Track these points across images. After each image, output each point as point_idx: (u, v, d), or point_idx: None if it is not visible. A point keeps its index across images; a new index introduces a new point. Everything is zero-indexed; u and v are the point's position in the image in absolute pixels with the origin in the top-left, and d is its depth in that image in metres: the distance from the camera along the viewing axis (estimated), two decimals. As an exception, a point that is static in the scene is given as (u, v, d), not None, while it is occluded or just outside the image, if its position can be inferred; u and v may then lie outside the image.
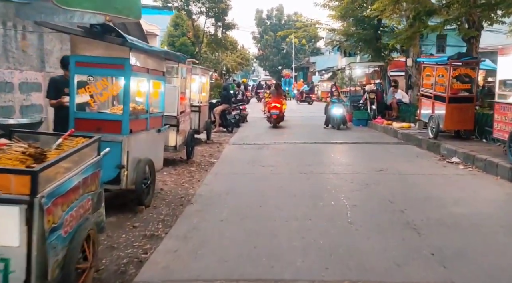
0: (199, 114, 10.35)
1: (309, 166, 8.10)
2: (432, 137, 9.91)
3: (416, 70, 16.14)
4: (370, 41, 19.04)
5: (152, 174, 5.41)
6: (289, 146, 11.00)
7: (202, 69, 10.64)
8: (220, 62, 26.16)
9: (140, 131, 5.17)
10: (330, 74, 37.01)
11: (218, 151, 10.17)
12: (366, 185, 6.56)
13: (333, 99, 14.84)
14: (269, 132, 14.00)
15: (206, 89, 11.24)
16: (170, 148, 7.65)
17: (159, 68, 5.79)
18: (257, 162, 8.54)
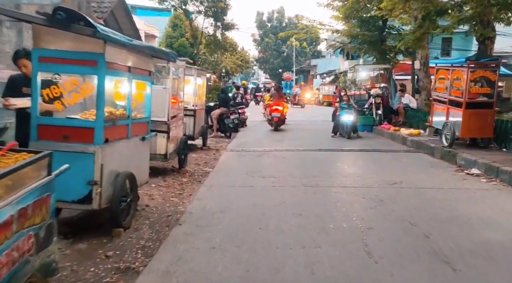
0: (194, 119, 9.57)
1: (314, 178, 7.31)
2: (447, 146, 9.12)
3: (424, 74, 15.40)
4: (375, 43, 18.32)
5: (134, 190, 4.62)
6: (291, 153, 10.21)
7: (198, 70, 9.87)
8: (219, 64, 25.40)
9: (119, 140, 4.38)
10: (332, 77, 36.26)
11: (214, 158, 9.39)
12: (381, 201, 5.76)
13: (342, 104, 13.33)
14: (269, 138, 13.22)
15: (202, 91, 10.46)
16: (159, 157, 6.87)
17: (145, 66, 5.01)
18: (256, 172, 7.75)
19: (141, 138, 5.03)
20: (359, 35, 17.59)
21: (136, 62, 4.71)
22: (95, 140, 3.92)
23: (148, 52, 4.70)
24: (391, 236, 4.43)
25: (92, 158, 3.89)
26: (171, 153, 7.06)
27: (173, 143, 7.15)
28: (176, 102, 7.18)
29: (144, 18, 36.10)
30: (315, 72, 47.82)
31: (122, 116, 4.47)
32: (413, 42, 13.48)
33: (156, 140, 6.73)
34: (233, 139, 13.08)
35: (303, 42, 57.36)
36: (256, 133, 14.54)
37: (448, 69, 9.45)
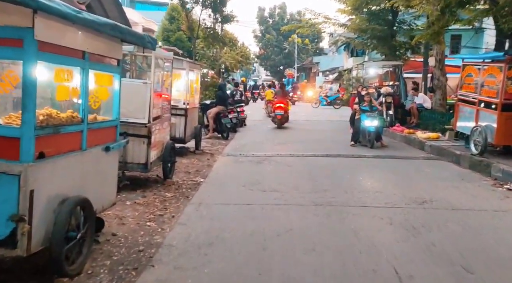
0: (185, 119, 8.33)
1: (326, 192, 6.08)
2: (477, 154, 7.89)
3: (440, 71, 14.14)
4: (385, 38, 17.10)
5: (89, 221, 3.39)
6: (295, 159, 8.97)
7: (190, 63, 8.61)
8: (218, 60, 24.13)
9: (66, 154, 3.15)
10: (335, 75, 34.98)
11: (207, 164, 8.15)
12: (413, 229, 4.53)
13: (363, 106, 10.79)
14: (271, 140, 11.97)
15: (195, 88, 9.21)
16: (137, 167, 5.63)
17: (109, 53, 3.77)
18: (256, 184, 6.53)
19: (105, 148, 3.79)
20: (369, 29, 16.31)
21: (96, 46, 3.47)
22: (21, 156, 2.69)
23: (110, 33, 3.45)
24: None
25: (16, 182, 2.66)
26: (153, 161, 5.82)
27: (156, 149, 5.91)
28: (160, 100, 5.93)
29: (143, 12, 34.89)
30: (317, 69, 46.51)
31: (71, 121, 3.23)
32: (431, 36, 12.24)
33: (134, 146, 5.49)
34: (230, 140, 11.85)
35: (305, 38, 56.10)
36: (256, 134, 13.30)
37: (478, 65, 8.21)
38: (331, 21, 18.26)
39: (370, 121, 10.34)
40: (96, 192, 3.64)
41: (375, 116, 10.50)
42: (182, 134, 8.34)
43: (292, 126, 15.74)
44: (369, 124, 10.38)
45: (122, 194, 5.48)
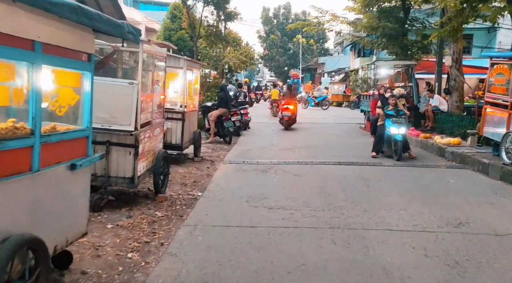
0: (183, 124, 7.50)
1: (341, 210, 5.24)
2: (510, 164, 7.00)
3: (457, 71, 13.27)
4: (396, 37, 16.19)
5: (41, 265, 2.55)
6: (304, 167, 8.13)
7: (188, 61, 7.77)
8: (222, 60, 23.32)
9: (4, 179, 2.32)
10: (341, 76, 34.08)
11: (207, 174, 7.32)
12: (457, 265, 3.67)
13: (388, 111, 9.17)
14: (277, 145, 11.13)
15: (194, 89, 8.39)
16: (122, 181, 4.81)
17: (76, 45, 2.95)
18: (260, 199, 5.70)
19: (70, 166, 2.96)
20: (379, 27, 15.41)
21: (53, 34, 2.65)
22: None
23: (72, 18, 2.62)
24: None
25: None
26: (142, 174, 5.00)
27: (145, 160, 5.09)
28: (150, 104, 5.10)
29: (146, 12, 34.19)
30: (323, 70, 45.62)
31: (13, 133, 2.41)
32: (449, 33, 11.36)
33: (119, 158, 4.67)
34: (233, 145, 11.03)
35: (310, 39, 55.27)
36: (260, 138, 12.47)
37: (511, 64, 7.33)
38: (339, 19, 17.38)
39: (397, 128, 8.75)
40: (57, 223, 2.83)
41: (402, 122, 8.94)
42: (179, 141, 7.52)
43: (298, 129, 14.91)
44: (395, 132, 8.76)
45: (103, 214, 4.66)
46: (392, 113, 9.11)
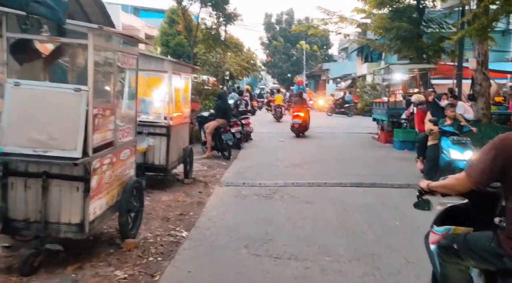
0: (168, 140, 6.10)
1: (374, 261, 3.84)
2: None
3: (483, 76, 11.86)
4: (411, 39, 14.84)
5: None
6: (316, 191, 6.73)
7: (176, 64, 6.37)
8: (222, 66, 22.02)
9: None
10: (348, 82, 32.70)
11: (198, 203, 5.91)
12: None
13: (445, 126, 6.67)
14: (283, 160, 9.72)
15: (185, 97, 7.01)
16: (67, 228, 3.39)
17: None
18: (264, 242, 4.31)
19: None
20: (394, 27, 14.06)
21: None
22: None
23: None
24: None
25: None
26: (98, 216, 3.60)
27: (104, 196, 3.69)
28: (112, 118, 3.71)
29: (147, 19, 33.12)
30: (327, 76, 44.29)
31: None
32: (477, 32, 9.99)
33: (61, 196, 3.29)
34: (232, 161, 9.64)
35: (314, 45, 54.07)
36: (264, 152, 11.07)
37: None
38: (348, 21, 16.05)
39: (460, 151, 6.32)
40: None
41: (466, 143, 6.47)
42: (164, 161, 6.12)
43: (305, 140, 13.55)
44: (458, 157, 6.29)
45: (36, 278, 3.25)
46: (452, 130, 6.60)
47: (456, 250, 2.12)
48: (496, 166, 1.94)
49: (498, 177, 1.98)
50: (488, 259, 1.98)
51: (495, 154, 1.95)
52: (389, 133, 12.98)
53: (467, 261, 2.11)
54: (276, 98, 21.80)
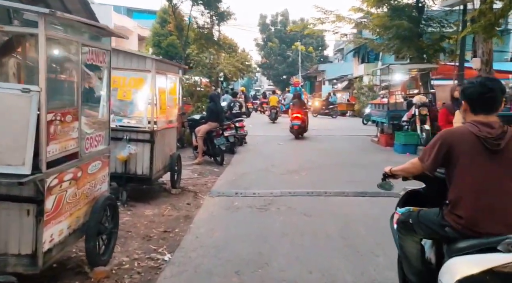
0: (152, 147, 5.49)
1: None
2: None
3: (487, 75, 11.34)
4: (411, 38, 14.32)
5: None
6: (316, 201, 6.15)
7: (159, 62, 5.73)
8: (216, 67, 21.43)
9: None
10: (345, 83, 32.20)
11: (185, 217, 5.30)
12: None
13: None
14: (279, 166, 9.14)
15: (170, 99, 6.39)
16: (17, 261, 2.76)
17: None
18: (258, 268, 3.72)
19: None
20: (394, 26, 13.54)
21: None
22: None
23: None
24: None
25: None
26: (57, 244, 2.98)
27: (66, 219, 3.08)
28: (72, 124, 3.10)
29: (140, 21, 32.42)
30: (323, 78, 43.78)
31: None
32: (483, 29, 9.47)
33: (8, 222, 2.67)
34: (225, 167, 9.04)
35: (309, 46, 53.62)
36: (259, 157, 10.47)
37: None
38: (346, 20, 15.52)
39: None
40: None
41: None
42: (147, 170, 5.51)
43: (303, 144, 12.98)
44: None
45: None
46: None
47: (411, 224, 2.53)
48: (441, 154, 2.33)
49: (442, 162, 2.37)
50: (434, 229, 2.38)
51: (441, 144, 2.34)
52: (390, 136, 12.45)
53: (419, 232, 2.52)
54: (271, 100, 21.94)
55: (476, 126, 2.31)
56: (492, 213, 2.19)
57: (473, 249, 2.12)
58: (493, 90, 2.36)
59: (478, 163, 2.25)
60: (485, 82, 2.39)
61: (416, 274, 2.59)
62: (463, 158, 2.28)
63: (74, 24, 2.96)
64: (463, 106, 2.46)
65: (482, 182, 2.23)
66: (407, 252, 2.63)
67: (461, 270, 2.04)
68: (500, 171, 2.24)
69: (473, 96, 2.39)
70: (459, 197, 2.27)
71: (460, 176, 2.29)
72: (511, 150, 2.26)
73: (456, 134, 2.37)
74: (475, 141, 2.27)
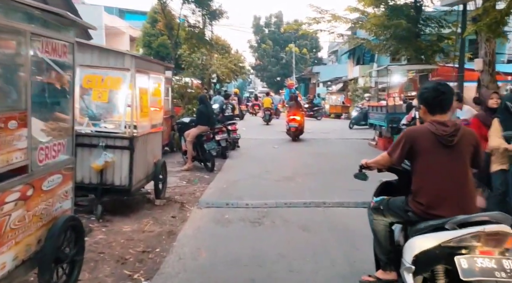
0: (131, 154, 4.89)
1: None
2: None
3: (490, 77, 10.89)
4: (409, 38, 13.85)
5: None
6: (314, 213, 5.61)
7: (140, 60, 5.11)
8: (208, 68, 20.84)
9: None
10: (339, 85, 31.74)
11: (168, 233, 4.71)
12: None
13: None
14: (273, 171, 8.59)
15: (153, 101, 5.79)
16: None
17: None
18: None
19: None
20: (392, 25, 13.07)
21: None
22: None
23: None
24: None
25: None
26: (2, 278, 2.38)
27: (8, 252, 2.46)
28: (22, 130, 2.51)
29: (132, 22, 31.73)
30: (317, 80, 43.31)
31: None
32: (488, 27, 9.00)
33: None
34: (216, 174, 8.47)
35: (303, 48, 53.22)
36: (252, 162, 9.90)
37: None
38: (342, 19, 15.03)
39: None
40: None
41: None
42: (126, 180, 4.90)
43: (298, 148, 12.44)
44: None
45: None
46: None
47: (382, 209, 2.94)
48: (405, 149, 2.67)
49: (406, 157, 2.72)
50: (400, 214, 2.79)
51: (405, 141, 2.69)
52: (388, 140, 11.92)
53: (388, 217, 2.92)
54: (265, 102, 21.99)
55: (433, 125, 2.62)
56: (447, 199, 2.53)
57: (428, 229, 2.48)
58: (445, 93, 2.68)
59: (436, 157, 2.58)
60: (437, 87, 2.72)
61: (385, 254, 3.00)
62: (423, 152, 2.61)
63: (20, 8, 2.37)
64: (422, 109, 2.76)
65: (439, 173, 2.57)
66: (378, 235, 3.02)
67: (418, 246, 2.43)
68: (453, 163, 2.58)
69: (429, 99, 2.70)
70: (420, 187, 2.63)
71: (421, 168, 2.63)
72: (463, 145, 2.61)
73: (418, 133, 2.69)
74: (433, 138, 2.59)
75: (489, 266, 2.21)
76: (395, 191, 3.03)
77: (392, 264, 2.93)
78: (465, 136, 2.63)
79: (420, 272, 2.42)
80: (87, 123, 4.79)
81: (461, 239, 2.30)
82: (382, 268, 3.06)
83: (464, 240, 2.29)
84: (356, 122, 18.63)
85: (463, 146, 2.61)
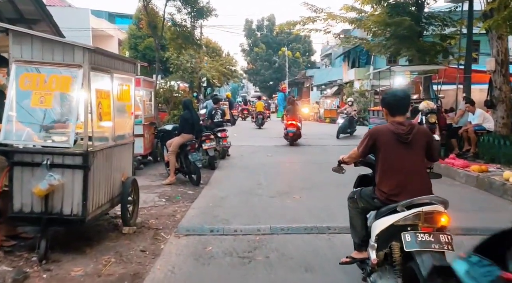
0: (85, 175, 3.81)
1: None
2: None
3: (503, 78, 9.96)
4: (411, 38, 12.94)
5: None
6: (317, 243, 4.57)
7: (97, 53, 3.98)
8: (198, 71, 19.79)
9: None
10: (334, 89, 30.83)
11: (132, 277, 3.66)
12: None
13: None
14: (267, 185, 7.58)
15: (120, 107, 4.73)
16: None
17: None
18: None
19: None
20: (394, 23, 12.16)
21: None
22: None
23: None
24: None
25: None
26: None
27: None
28: None
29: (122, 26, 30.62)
30: (311, 83, 42.41)
31: None
32: (502, 24, 8.10)
33: None
34: (202, 188, 7.44)
35: (296, 51, 52.42)
36: (244, 174, 8.87)
37: None
38: (339, 18, 14.10)
39: None
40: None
41: None
42: (79, 207, 3.81)
43: (294, 156, 11.43)
44: None
45: None
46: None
47: (355, 198, 3.40)
48: (369, 145, 3.12)
49: (370, 151, 3.18)
50: (368, 201, 3.23)
51: (369, 138, 3.13)
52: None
53: (360, 204, 3.35)
54: (257, 106, 21.98)
55: (393, 125, 3.11)
56: (405, 187, 2.97)
57: (387, 213, 2.92)
58: (404, 98, 3.23)
59: (395, 152, 3.05)
60: (397, 93, 3.34)
61: (359, 237, 3.41)
62: (384, 148, 3.07)
63: None
64: (384, 111, 3.24)
65: (398, 165, 3.03)
66: (353, 220, 3.47)
67: (378, 227, 2.93)
68: (409, 157, 3.04)
69: (390, 103, 3.20)
70: (382, 177, 3.09)
71: (382, 161, 3.10)
72: (416, 141, 3.06)
73: (380, 131, 3.15)
74: (393, 136, 3.05)
75: (427, 239, 2.60)
76: (369, 182, 3.37)
77: (365, 245, 3.23)
78: (418, 133, 3.06)
79: (381, 249, 2.88)
80: (26, 135, 3.71)
81: (406, 219, 2.72)
82: (357, 249, 3.43)
83: (409, 219, 2.71)
84: (342, 130, 16.38)
85: (417, 142, 3.04)
